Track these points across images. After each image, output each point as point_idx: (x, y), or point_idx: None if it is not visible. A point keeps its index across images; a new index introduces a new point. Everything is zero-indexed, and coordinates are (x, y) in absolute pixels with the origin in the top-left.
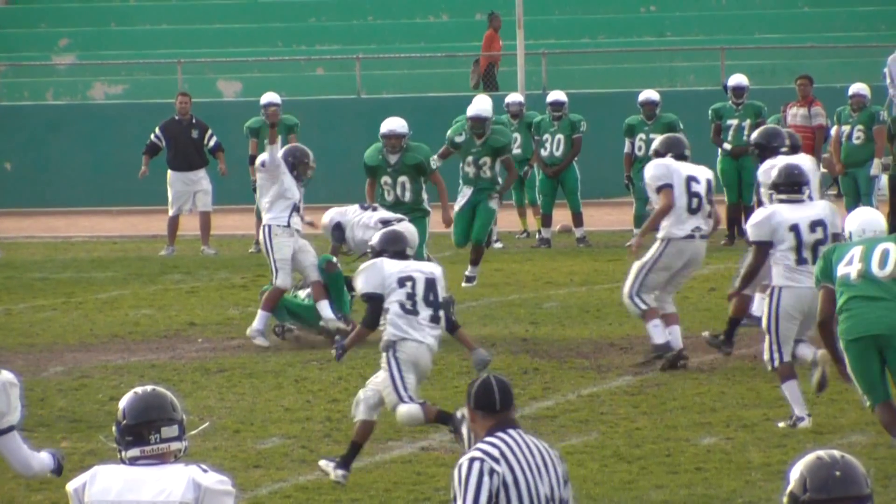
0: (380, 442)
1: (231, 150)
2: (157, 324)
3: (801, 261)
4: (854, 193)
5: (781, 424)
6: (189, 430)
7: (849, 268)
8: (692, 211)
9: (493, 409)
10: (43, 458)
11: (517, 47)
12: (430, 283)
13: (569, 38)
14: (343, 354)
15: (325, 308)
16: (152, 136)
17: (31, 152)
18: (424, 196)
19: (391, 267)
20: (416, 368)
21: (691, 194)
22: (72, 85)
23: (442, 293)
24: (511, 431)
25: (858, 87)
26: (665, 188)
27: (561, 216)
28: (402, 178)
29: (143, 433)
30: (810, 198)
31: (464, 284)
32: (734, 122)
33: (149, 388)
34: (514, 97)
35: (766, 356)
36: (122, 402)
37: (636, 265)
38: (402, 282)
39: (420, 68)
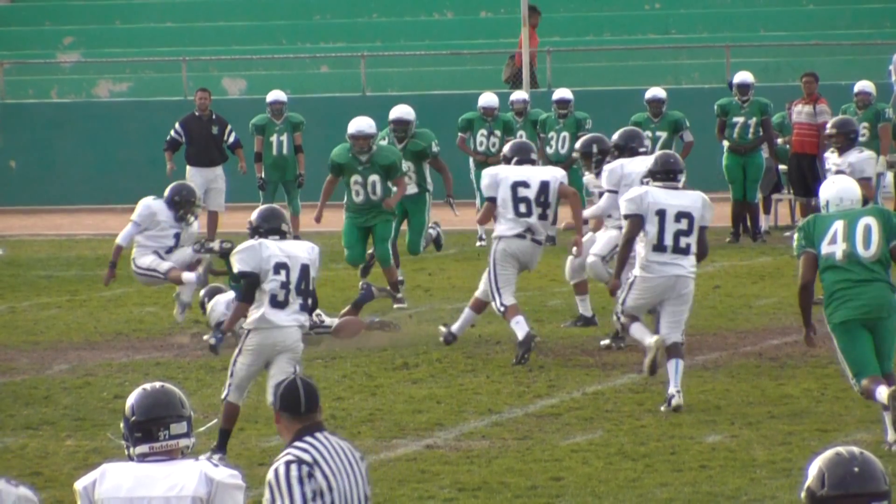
0: (384, 440)
1: None
2: (162, 321)
3: (660, 247)
4: None
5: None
6: (194, 427)
7: (833, 247)
8: (520, 214)
9: (298, 412)
10: None
11: (522, 45)
12: (304, 271)
13: (573, 36)
14: (223, 338)
15: (189, 276)
16: (172, 133)
17: (35, 150)
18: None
19: (270, 248)
20: (260, 357)
21: (517, 199)
22: (76, 83)
23: (315, 278)
24: (318, 435)
25: (863, 85)
26: (489, 201)
27: (566, 213)
28: (374, 178)
29: (152, 430)
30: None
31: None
32: (740, 119)
33: (157, 384)
34: (519, 94)
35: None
36: (131, 399)
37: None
38: (277, 269)
39: (425, 66)
